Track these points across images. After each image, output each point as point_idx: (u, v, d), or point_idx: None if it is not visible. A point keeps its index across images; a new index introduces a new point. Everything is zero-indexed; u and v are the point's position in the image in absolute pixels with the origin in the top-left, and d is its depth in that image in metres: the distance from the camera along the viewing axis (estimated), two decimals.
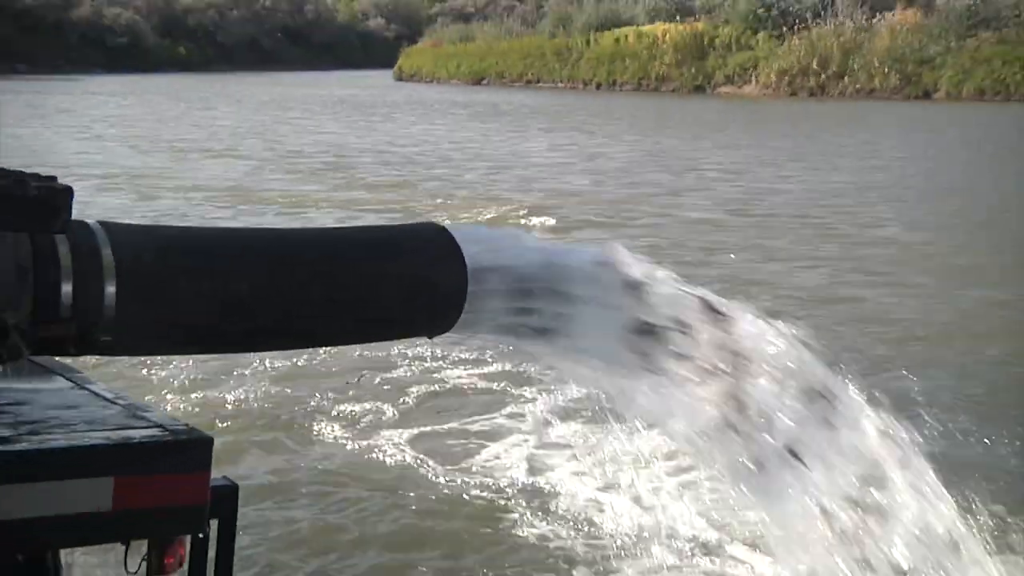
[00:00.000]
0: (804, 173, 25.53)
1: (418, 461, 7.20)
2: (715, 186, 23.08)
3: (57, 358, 2.79)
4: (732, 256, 14.56)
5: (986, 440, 6.95)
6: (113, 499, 2.26)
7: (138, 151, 27.66)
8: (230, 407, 8.06)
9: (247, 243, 3.00)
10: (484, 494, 6.74)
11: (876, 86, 50.04)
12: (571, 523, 6.29)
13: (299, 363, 8.74)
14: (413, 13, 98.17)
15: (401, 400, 8.37)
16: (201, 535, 2.52)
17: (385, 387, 8.64)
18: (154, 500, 2.31)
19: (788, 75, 52.66)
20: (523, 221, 17.28)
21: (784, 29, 54.34)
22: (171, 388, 8.26)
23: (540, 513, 6.26)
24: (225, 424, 7.66)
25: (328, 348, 7.82)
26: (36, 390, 2.66)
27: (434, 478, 6.97)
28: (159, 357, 7.57)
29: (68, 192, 1.85)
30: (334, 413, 8.01)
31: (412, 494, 6.71)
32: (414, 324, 3.17)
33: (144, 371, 8.29)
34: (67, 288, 2.40)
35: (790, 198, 21.43)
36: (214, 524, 2.55)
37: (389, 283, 3.02)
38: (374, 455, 7.31)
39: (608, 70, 59.88)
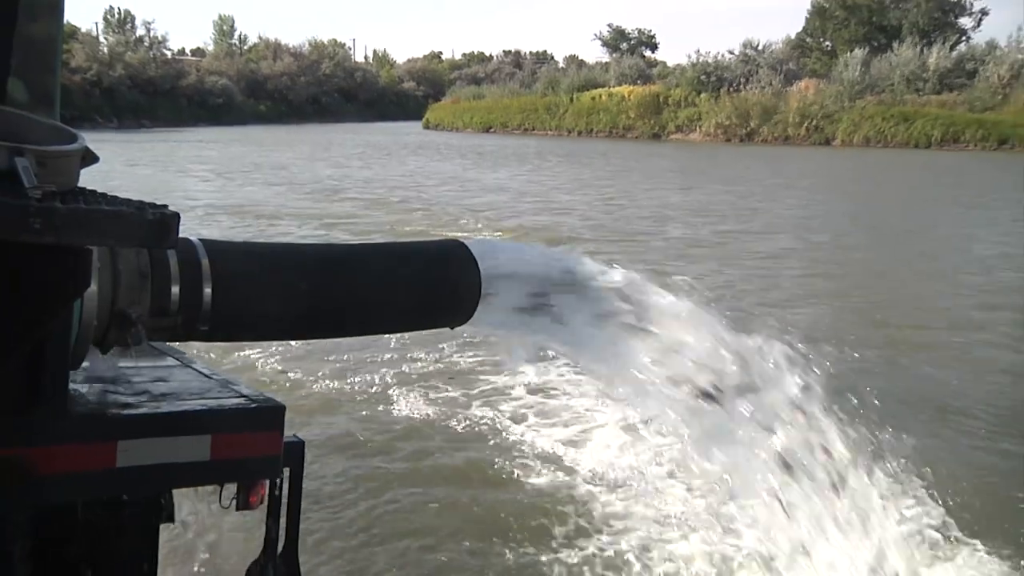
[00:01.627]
0: (667, 194, 25.83)
1: (452, 420, 7.20)
2: (599, 203, 23.52)
3: (168, 343, 2.79)
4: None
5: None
6: (211, 451, 2.26)
7: (200, 179, 28.18)
8: (301, 381, 8.06)
9: (312, 255, 3.02)
10: (508, 442, 6.73)
11: (790, 134, 50.13)
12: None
13: (351, 347, 8.71)
14: (437, 78, 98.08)
15: (435, 372, 8.37)
16: (277, 479, 2.52)
17: (418, 363, 8.64)
18: (241, 452, 2.31)
19: (723, 126, 52.74)
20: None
21: (720, 91, 54.45)
22: (255, 366, 8.26)
23: (567, 469, 6.21)
24: (297, 393, 7.65)
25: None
26: (152, 367, 2.66)
27: (461, 425, 6.96)
28: (245, 343, 7.57)
29: (176, 217, 1.85)
30: (384, 385, 8.00)
31: (447, 447, 6.70)
32: (440, 318, 3.17)
33: (234, 353, 8.29)
34: (175, 290, 2.41)
35: (642, 211, 21.92)
36: (286, 472, 2.55)
37: (421, 286, 3.02)
38: (416, 417, 7.30)
39: (586, 121, 59.91)
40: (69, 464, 2.10)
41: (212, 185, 26.58)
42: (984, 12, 64.72)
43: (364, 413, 7.34)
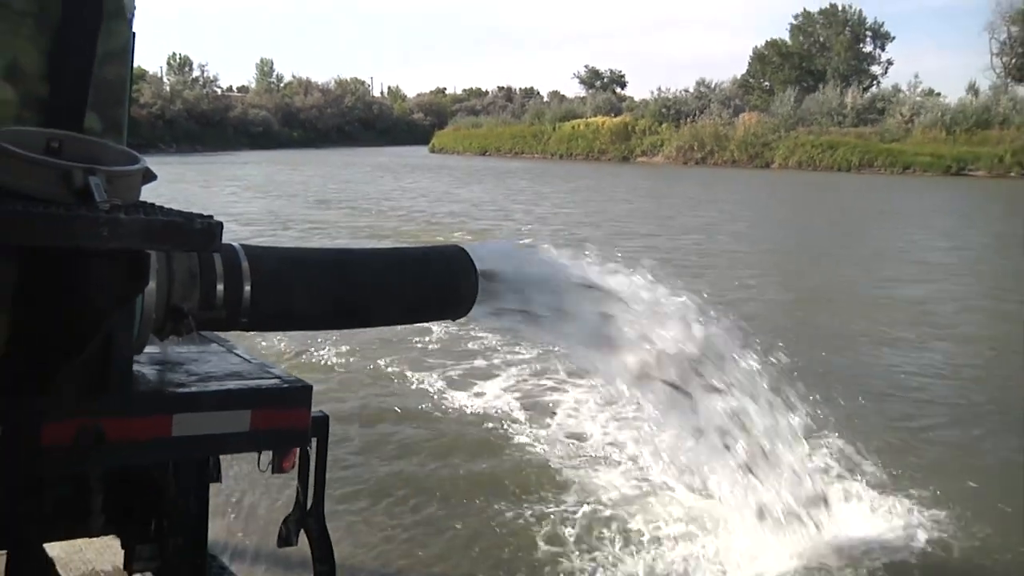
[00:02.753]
0: (603, 205, 25.89)
1: (454, 399, 7.18)
2: (540, 211, 23.55)
3: (214, 332, 2.78)
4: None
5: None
6: (250, 423, 2.25)
7: (231, 193, 28.38)
8: (325, 365, 8.05)
9: (334, 258, 3.02)
10: (495, 414, 6.70)
11: (736, 158, 50.15)
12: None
13: (368, 336, 8.67)
14: (441, 109, 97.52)
15: (436, 356, 8.36)
16: (306, 448, 2.52)
17: (421, 349, 8.62)
18: (275, 424, 2.31)
19: (681, 151, 52.66)
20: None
21: (679, 121, 54.47)
22: (287, 352, 8.25)
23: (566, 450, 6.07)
24: (323, 375, 7.64)
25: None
26: (201, 353, 2.65)
27: (459, 406, 6.95)
28: (279, 332, 7.54)
29: (220, 225, 1.86)
30: (397, 368, 7.99)
31: (445, 419, 6.68)
32: (443, 312, 3.17)
33: (269, 342, 8.26)
34: (220, 287, 2.41)
35: (571, 217, 22.24)
36: (314, 441, 2.54)
37: (427, 285, 3.02)
38: (419, 394, 7.29)
39: (567, 146, 59.63)
40: (133, 433, 2.10)
41: (240, 197, 26.67)
42: (890, 62, 67.72)
43: (381, 392, 7.34)
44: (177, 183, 29.61)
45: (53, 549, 2.34)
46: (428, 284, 2.96)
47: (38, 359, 1.99)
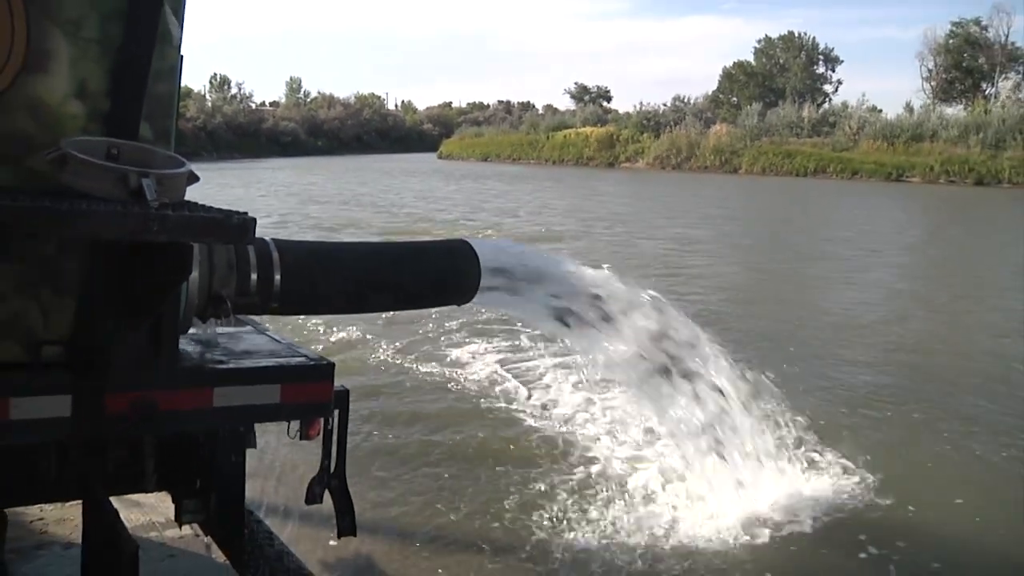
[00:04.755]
0: (557, 200, 25.85)
1: (454, 376, 7.16)
2: (498, 208, 23.25)
3: (248, 316, 2.79)
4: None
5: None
6: (280, 396, 2.27)
7: (256, 193, 27.99)
8: (347, 345, 8.04)
9: (354, 250, 3.01)
10: (472, 386, 6.69)
11: (708, 165, 50.04)
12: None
13: (383, 320, 8.66)
14: (448, 120, 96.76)
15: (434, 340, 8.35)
16: (329, 418, 2.53)
17: (431, 333, 8.61)
18: (302, 398, 2.32)
19: (659, 158, 52.47)
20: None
21: (658, 131, 54.29)
22: (314, 333, 8.23)
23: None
24: (344, 354, 7.63)
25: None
26: (238, 334, 2.66)
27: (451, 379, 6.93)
28: (305, 316, 7.53)
29: (254, 221, 1.87)
30: (408, 349, 7.98)
31: (455, 394, 6.68)
32: (449, 297, 3.17)
33: (299, 325, 8.26)
34: (254, 276, 2.41)
35: (502, 208, 22.56)
36: (336, 412, 2.55)
37: (436, 274, 3.02)
38: (430, 371, 7.28)
39: (559, 153, 59.25)
40: (179, 404, 2.12)
41: (248, 194, 26.70)
42: (840, 82, 68.59)
43: (395, 370, 7.33)
44: (209, 185, 29.35)
45: (116, 501, 2.37)
46: (437, 273, 2.97)
47: (99, 339, 2.00)
